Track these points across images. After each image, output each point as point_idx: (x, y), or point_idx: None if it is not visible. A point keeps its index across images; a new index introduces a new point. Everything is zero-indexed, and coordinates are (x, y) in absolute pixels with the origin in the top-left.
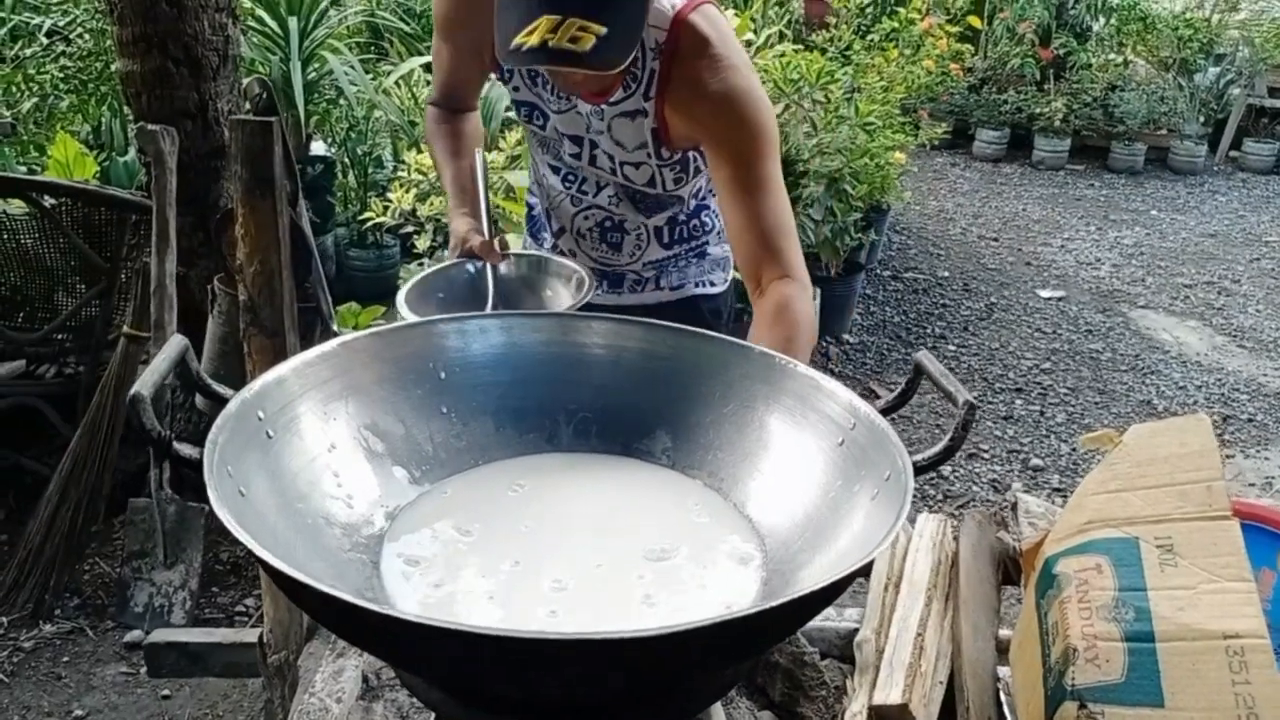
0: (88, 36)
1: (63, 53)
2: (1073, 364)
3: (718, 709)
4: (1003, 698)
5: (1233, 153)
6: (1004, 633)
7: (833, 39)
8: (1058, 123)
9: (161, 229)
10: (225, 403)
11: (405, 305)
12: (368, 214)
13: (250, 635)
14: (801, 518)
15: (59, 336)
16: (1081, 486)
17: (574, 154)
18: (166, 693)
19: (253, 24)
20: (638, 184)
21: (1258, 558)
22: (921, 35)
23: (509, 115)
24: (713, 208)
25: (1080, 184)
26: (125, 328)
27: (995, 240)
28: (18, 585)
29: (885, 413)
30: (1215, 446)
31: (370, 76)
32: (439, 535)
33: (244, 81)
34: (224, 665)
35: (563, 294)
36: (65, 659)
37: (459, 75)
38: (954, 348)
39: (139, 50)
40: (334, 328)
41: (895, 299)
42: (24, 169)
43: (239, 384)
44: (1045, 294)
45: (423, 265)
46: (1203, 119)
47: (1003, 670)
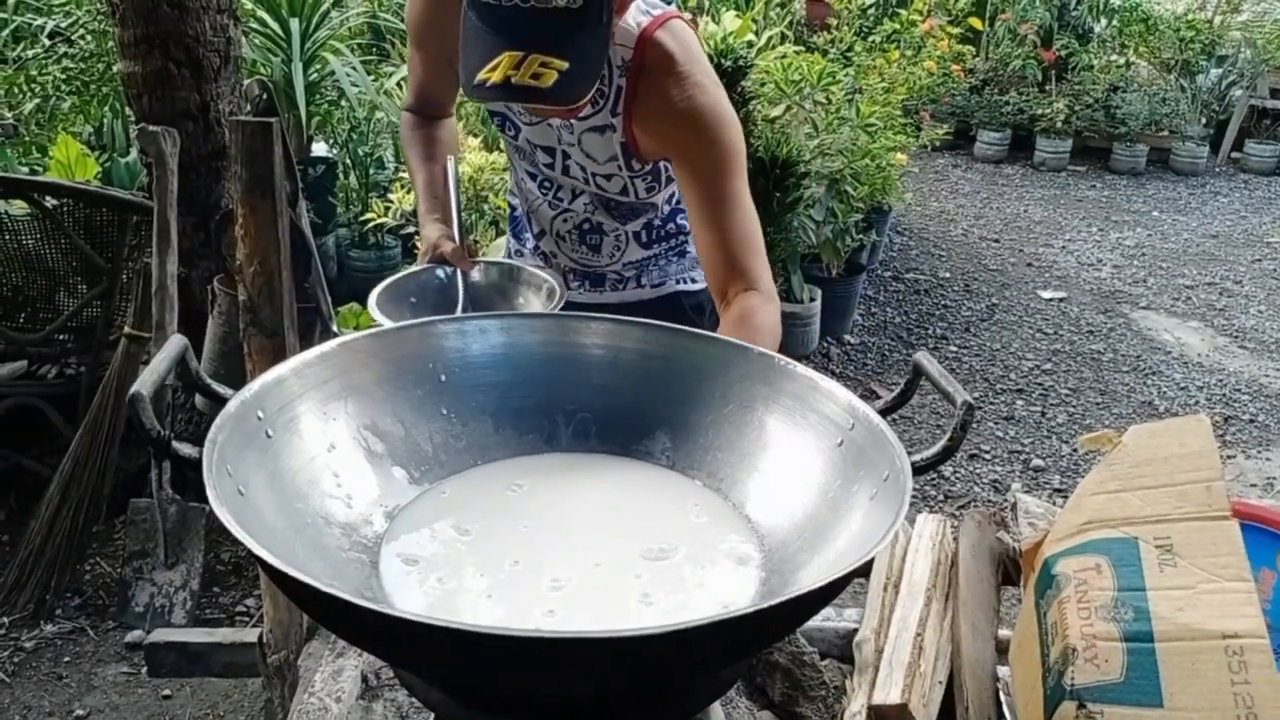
0: (90, 38)
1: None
2: (1074, 365)
3: (717, 708)
4: (1002, 698)
5: (1234, 154)
6: (1003, 633)
7: (834, 40)
8: (1059, 124)
9: (163, 230)
10: (225, 402)
11: (376, 308)
12: (369, 215)
13: (250, 635)
14: (800, 518)
15: (60, 337)
16: (1081, 487)
17: (548, 164)
18: (167, 692)
19: (254, 25)
20: (611, 193)
21: (1257, 558)
22: (923, 37)
23: None
24: None
25: (1082, 185)
26: (126, 328)
27: (997, 241)
28: (19, 585)
29: (884, 413)
30: (1214, 447)
31: (372, 78)
32: (438, 535)
33: (245, 83)
34: (224, 665)
35: (534, 302)
36: (66, 659)
37: (432, 83)
38: (955, 348)
39: (140, 51)
40: (334, 328)
41: (896, 300)
42: (26, 170)
43: (239, 384)
44: (1047, 295)
45: None
46: (1204, 120)
47: (1002, 670)
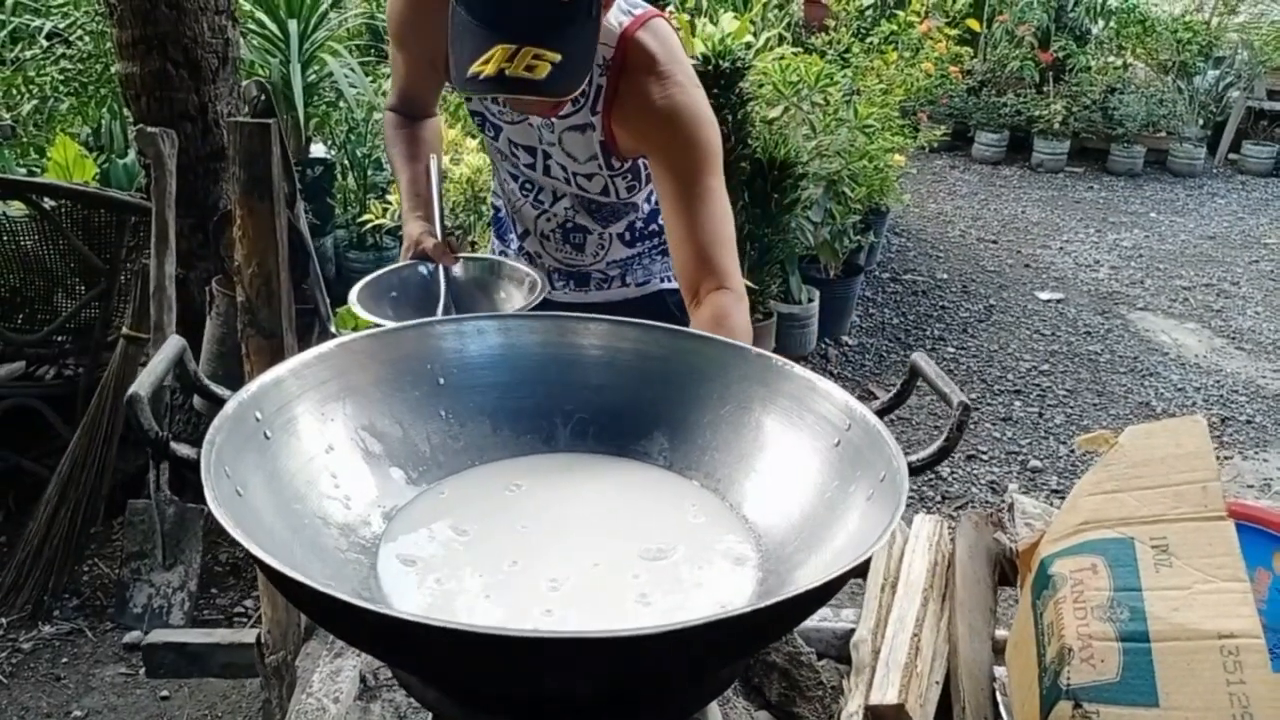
0: (87, 39)
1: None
2: (1071, 366)
3: (714, 708)
4: (998, 697)
5: (1232, 155)
6: (1000, 633)
7: (832, 42)
8: (1057, 125)
9: (161, 231)
10: (223, 404)
11: (358, 304)
12: (367, 216)
13: (248, 636)
14: (797, 518)
15: (58, 338)
16: (1077, 487)
17: (529, 164)
18: (165, 693)
19: (252, 26)
20: (592, 193)
21: (1253, 558)
22: (920, 38)
23: None
24: None
25: (1079, 186)
26: (124, 329)
27: (994, 242)
28: (17, 586)
29: (881, 414)
30: (1210, 447)
31: (370, 79)
32: (436, 535)
33: (243, 84)
34: (222, 666)
35: (515, 296)
36: (64, 660)
37: (415, 83)
38: (953, 349)
39: (139, 53)
40: (332, 329)
41: (894, 301)
42: (24, 171)
43: (237, 385)
44: (1044, 296)
45: None
46: (1202, 122)
47: (999, 670)
